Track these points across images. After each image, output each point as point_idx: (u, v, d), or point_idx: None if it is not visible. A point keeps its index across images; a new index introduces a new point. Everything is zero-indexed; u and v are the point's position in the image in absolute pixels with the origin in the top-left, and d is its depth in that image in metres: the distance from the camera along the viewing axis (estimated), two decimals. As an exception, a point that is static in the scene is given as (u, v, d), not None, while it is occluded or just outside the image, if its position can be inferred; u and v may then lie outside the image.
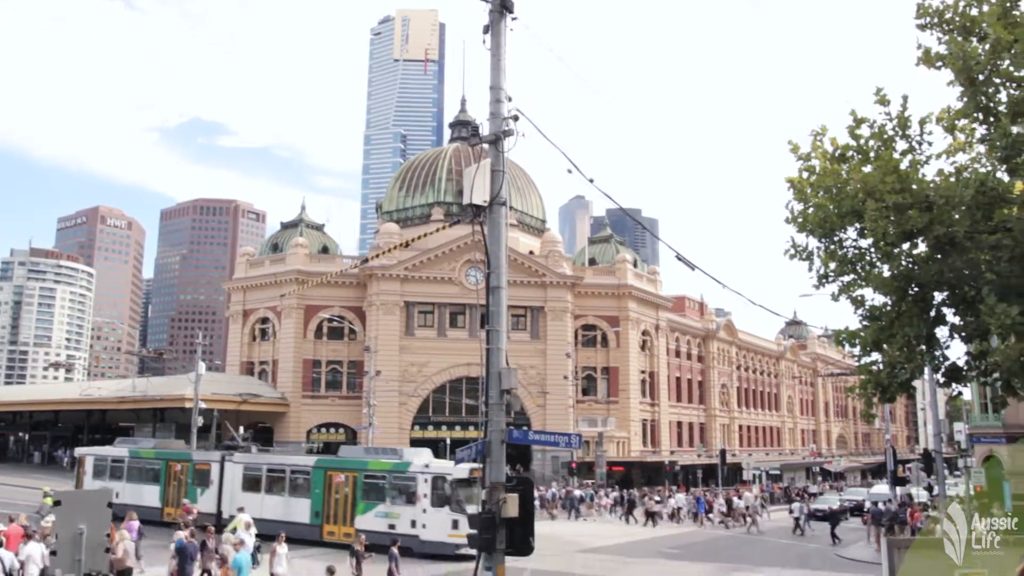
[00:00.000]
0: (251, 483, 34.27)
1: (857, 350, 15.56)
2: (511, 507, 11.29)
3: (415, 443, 66.17)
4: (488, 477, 11.75)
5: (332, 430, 69.43)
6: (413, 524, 29.30)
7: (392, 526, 29.24)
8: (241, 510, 26.84)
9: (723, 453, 64.98)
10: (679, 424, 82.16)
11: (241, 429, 55.86)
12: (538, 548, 13.54)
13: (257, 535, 24.14)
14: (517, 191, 76.25)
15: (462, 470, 28.57)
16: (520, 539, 11.71)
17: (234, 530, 23.15)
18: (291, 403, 68.20)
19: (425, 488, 29.71)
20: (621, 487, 58.01)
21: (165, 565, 20.90)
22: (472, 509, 27.46)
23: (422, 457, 31.69)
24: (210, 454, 38.44)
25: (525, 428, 21.06)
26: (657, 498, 49.88)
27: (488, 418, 11.86)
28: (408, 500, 30.06)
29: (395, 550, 20.56)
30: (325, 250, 75.17)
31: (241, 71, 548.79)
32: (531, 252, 72.36)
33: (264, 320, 72.48)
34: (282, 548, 20.74)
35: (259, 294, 71.82)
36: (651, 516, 45.45)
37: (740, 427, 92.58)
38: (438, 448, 59.90)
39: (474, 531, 11.55)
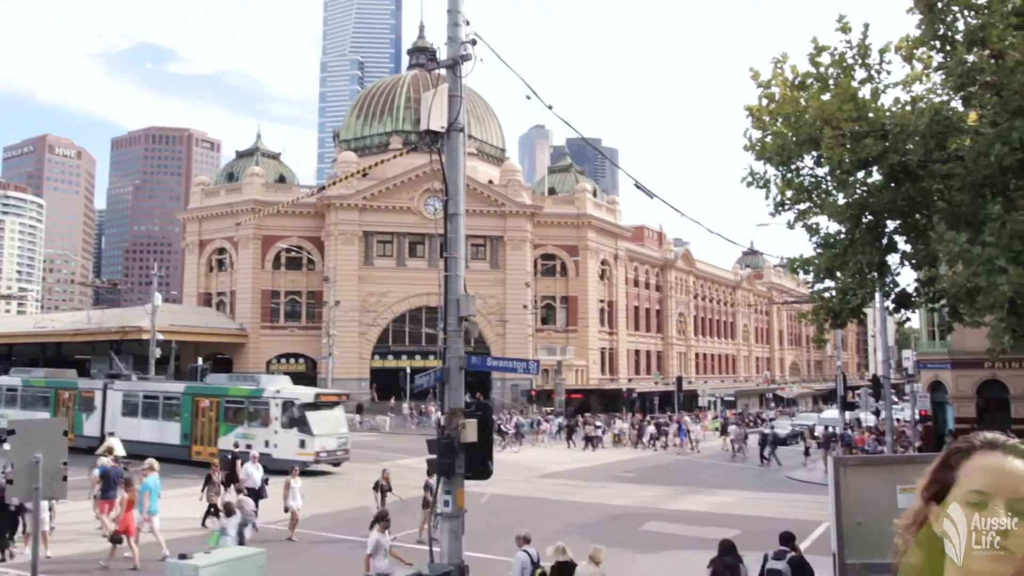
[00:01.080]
0: (130, 409, 36.68)
1: (811, 277, 15.81)
2: (470, 432, 11.40)
3: (375, 373, 66.68)
4: (447, 403, 11.84)
5: (292, 360, 69.40)
6: (267, 444, 31.30)
7: (249, 446, 31.15)
8: (112, 434, 29.03)
9: (679, 380, 66.10)
10: (637, 352, 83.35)
11: (199, 360, 55.69)
12: (496, 474, 13.79)
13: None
14: (476, 120, 75.45)
15: (308, 394, 32.66)
16: (479, 463, 11.86)
17: (107, 452, 23.09)
18: (250, 334, 67.92)
19: (276, 411, 32.14)
20: (579, 414, 58.93)
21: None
22: (321, 430, 31.74)
23: (276, 384, 34.23)
24: (94, 382, 40.83)
25: (484, 355, 21.16)
26: (598, 423, 51.20)
27: (447, 345, 11.91)
28: (262, 422, 32.46)
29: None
30: (282, 179, 74.08)
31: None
32: (490, 181, 71.95)
33: (221, 251, 71.65)
34: (296, 482, 19.72)
35: (215, 224, 70.86)
36: (590, 440, 46.88)
37: (696, 355, 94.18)
38: (398, 377, 60.31)
39: (433, 456, 11.68)
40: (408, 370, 58.20)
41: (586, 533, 21.19)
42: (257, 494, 20.69)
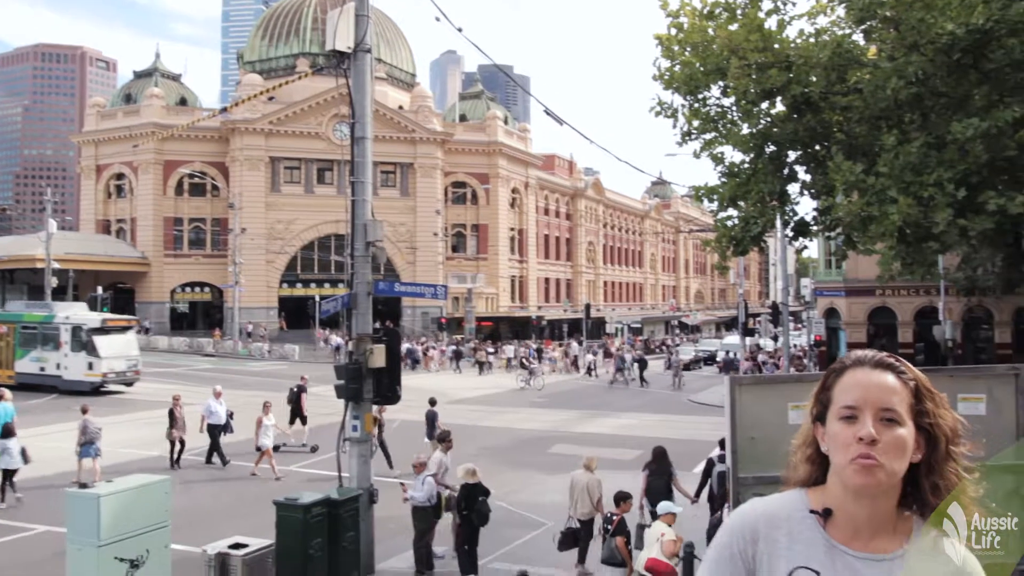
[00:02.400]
0: None
1: (715, 206, 16.13)
2: (377, 357, 11.40)
3: (283, 301, 65.76)
4: (355, 329, 11.79)
5: (197, 289, 67.85)
6: (58, 366, 33.61)
7: (43, 368, 34.00)
8: None
9: (588, 308, 67.17)
10: (547, 280, 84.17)
11: (99, 289, 53.91)
12: (406, 400, 13.86)
13: None
14: (386, 43, 73.66)
15: (96, 320, 34.66)
16: (387, 388, 11.91)
17: None
18: (152, 262, 65.87)
19: (66, 336, 33.77)
20: (490, 342, 59.54)
21: None
22: (108, 352, 33.45)
23: (68, 310, 35.62)
24: None
25: (392, 280, 21.02)
26: (490, 349, 52.32)
27: (354, 271, 11.80)
28: (55, 346, 34.08)
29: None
30: (183, 102, 71.15)
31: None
32: (400, 107, 70.68)
33: (119, 176, 68.81)
34: (268, 419, 19.04)
35: (113, 148, 67.80)
36: (481, 366, 48.38)
37: (605, 283, 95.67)
38: (308, 305, 59.58)
39: (341, 381, 11.66)
40: (317, 298, 57.54)
41: (498, 456, 21.61)
42: (223, 429, 20.12)
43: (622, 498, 10.94)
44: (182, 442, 19.62)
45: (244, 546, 9.87)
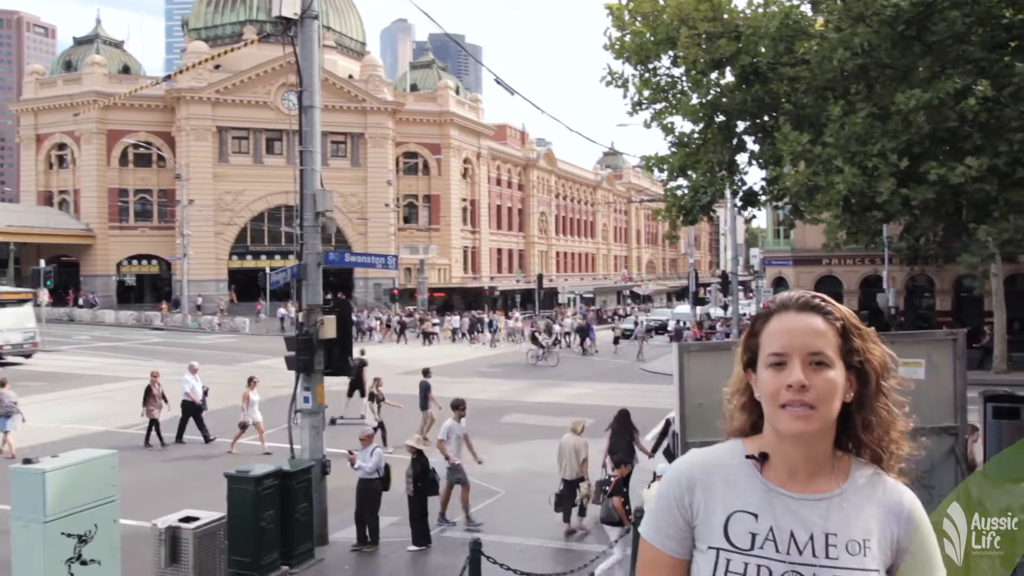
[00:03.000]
0: None
1: (665, 175, 16.23)
2: (328, 328, 11.33)
3: (233, 273, 64.89)
4: (304, 300, 11.69)
5: (144, 262, 66.63)
6: None
7: None
8: None
9: (540, 278, 67.34)
10: (499, 251, 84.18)
11: (42, 262, 52.72)
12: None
13: None
14: (335, 11, 72.45)
15: None
16: (339, 360, 11.85)
17: None
18: (97, 235, 64.42)
19: None
20: (442, 312, 59.53)
21: None
22: (3, 325, 33.80)
23: None
24: None
25: (342, 251, 20.82)
26: (435, 320, 52.59)
27: (303, 241, 11.68)
28: None
29: None
30: (126, 70, 69.32)
31: None
32: (350, 76, 69.71)
33: (61, 146, 66.98)
34: (255, 395, 18.56)
35: (53, 117, 65.85)
36: (427, 336, 48.71)
37: (557, 253, 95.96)
38: (258, 278, 58.85)
39: (292, 353, 11.57)
40: (268, 270, 56.88)
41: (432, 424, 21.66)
42: (199, 406, 19.52)
43: (622, 461, 11.27)
44: (156, 420, 18.98)
45: (195, 519, 9.79)
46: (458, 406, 13.82)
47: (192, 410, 19.35)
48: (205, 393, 19.94)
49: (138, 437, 19.56)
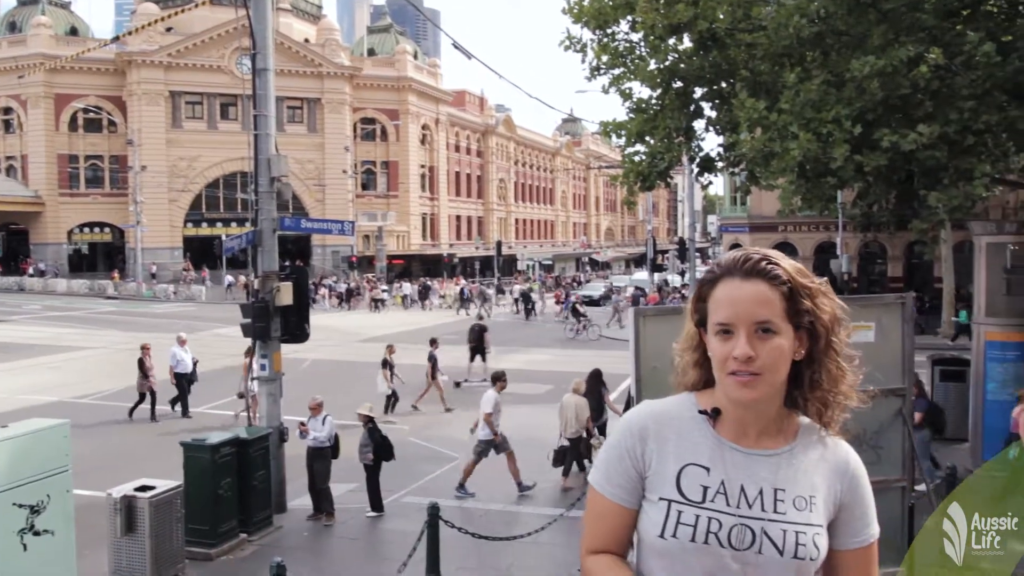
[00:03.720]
0: None
1: (623, 141, 16.21)
2: (285, 295, 11.23)
3: (188, 241, 63.87)
4: (260, 266, 11.55)
5: (97, 230, 65.27)
6: None
7: None
8: None
9: (499, 245, 67.25)
10: (458, 218, 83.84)
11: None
12: (317, 340, 13.77)
13: None
14: (290, -27, 71.05)
15: None
16: (295, 327, 11.76)
17: None
18: (47, 202, 62.86)
19: None
20: (382, 279, 59.24)
21: None
22: None
23: None
24: None
25: (297, 217, 20.72)
26: (384, 287, 52.75)
27: (258, 207, 11.52)
28: None
29: None
30: (74, 32, 67.39)
31: None
32: (307, 40, 68.52)
33: (7, 110, 65.04)
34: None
35: (-2, 80, 63.94)
36: (376, 303, 48.89)
37: (516, 220, 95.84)
38: (214, 245, 58.07)
39: (248, 320, 11.46)
40: (223, 237, 56.06)
41: (407, 393, 21.65)
42: (188, 379, 18.84)
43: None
44: (152, 393, 18.24)
45: (151, 488, 9.70)
46: (499, 378, 13.94)
47: (183, 383, 18.64)
48: (195, 364, 19.25)
49: (93, 408, 19.32)
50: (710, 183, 18.55)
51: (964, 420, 13.89)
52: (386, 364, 19.45)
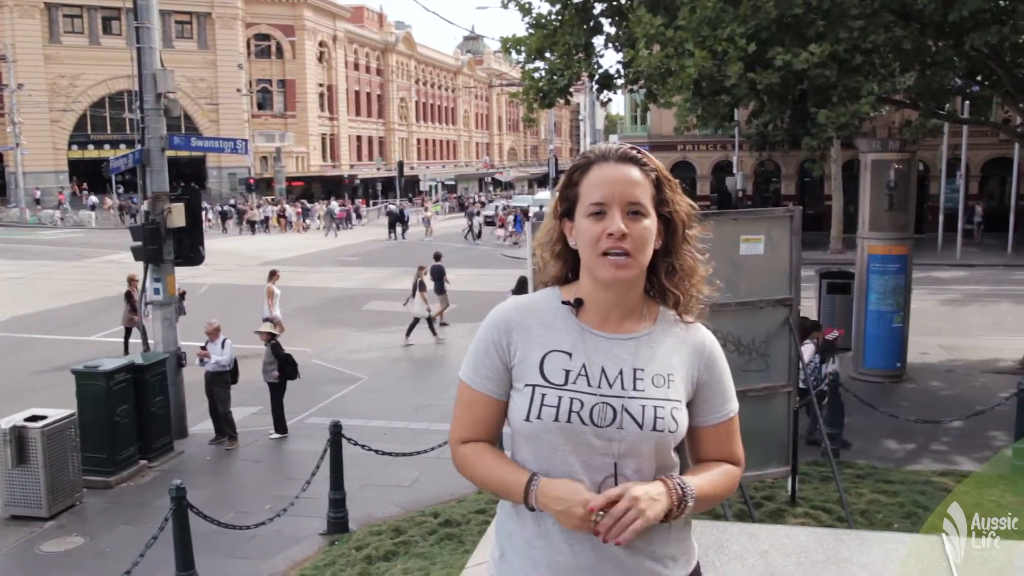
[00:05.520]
0: None
1: (522, 57, 16.05)
2: (176, 217, 10.86)
3: (75, 164, 60.89)
4: (150, 187, 11.11)
5: (-29, 152, 61.45)
6: None
7: None
8: None
9: (400, 166, 66.29)
10: (359, 138, 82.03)
11: None
12: (215, 264, 13.43)
13: None
14: None
15: None
16: (189, 249, 11.43)
17: None
18: (-88, 123, 58.77)
19: None
20: (253, 201, 57.90)
21: None
22: None
23: None
24: None
25: (187, 135, 19.91)
26: (260, 209, 52.26)
27: (145, 125, 11.02)
28: None
29: None
30: (-66, -63, 62.21)
31: None
32: (193, -50, 64.95)
33: None
34: (278, 289, 17.20)
35: None
36: (251, 225, 48.59)
37: (418, 141, 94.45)
38: (102, 168, 55.50)
39: (138, 243, 11.07)
40: (111, 160, 53.56)
41: (310, 315, 21.46)
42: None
43: None
44: (142, 328, 16.72)
45: (42, 418, 9.41)
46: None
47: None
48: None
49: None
50: (610, 100, 18.59)
51: (848, 329, 14.59)
52: (422, 287, 18.27)
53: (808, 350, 10.93)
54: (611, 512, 1.80)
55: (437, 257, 21.02)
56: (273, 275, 17.42)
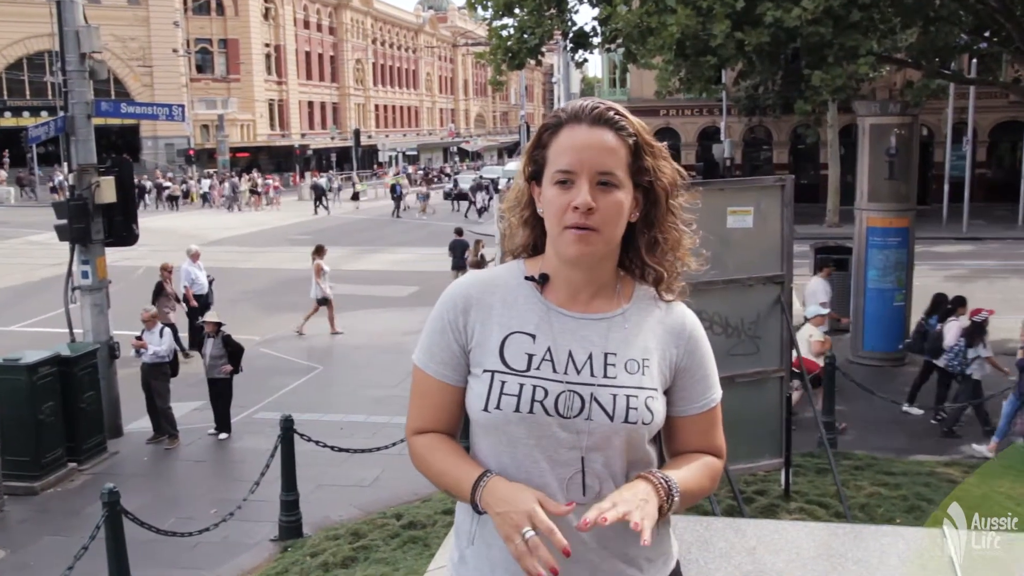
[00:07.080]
0: None
1: (489, 14, 15.99)
2: (106, 191, 10.71)
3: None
4: (75, 158, 10.95)
5: None
6: None
7: None
8: None
9: (357, 134, 65.86)
10: (310, 104, 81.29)
11: None
12: (153, 244, 13.27)
13: None
14: None
15: None
16: (122, 228, 11.29)
17: None
18: None
19: None
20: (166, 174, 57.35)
21: None
22: None
23: None
24: None
25: (117, 100, 19.52)
26: (182, 183, 52.71)
27: (68, 89, 10.84)
28: None
29: None
30: None
31: None
32: None
33: None
34: (327, 266, 17.06)
35: None
36: (172, 200, 49.14)
37: (376, 107, 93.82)
38: (19, 137, 54.60)
39: (63, 221, 10.91)
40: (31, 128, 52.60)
41: (260, 299, 21.35)
42: (205, 300, 16.55)
43: None
44: (172, 326, 14.34)
45: (-43, 417, 9.31)
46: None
47: (202, 307, 15.96)
48: (210, 283, 17.12)
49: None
50: (585, 61, 18.55)
51: (846, 308, 14.71)
52: (482, 261, 18.28)
53: (953, 329, 11.08)
54: (597, 505, 1.73)
55: (459, 232, 21.04)
56: (320, 251, 17.47)
